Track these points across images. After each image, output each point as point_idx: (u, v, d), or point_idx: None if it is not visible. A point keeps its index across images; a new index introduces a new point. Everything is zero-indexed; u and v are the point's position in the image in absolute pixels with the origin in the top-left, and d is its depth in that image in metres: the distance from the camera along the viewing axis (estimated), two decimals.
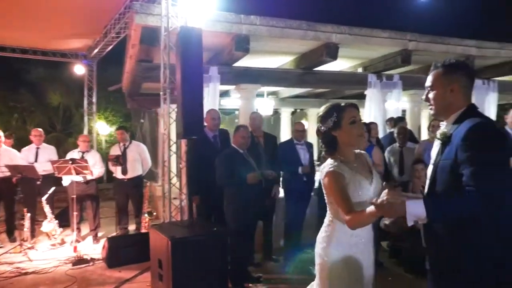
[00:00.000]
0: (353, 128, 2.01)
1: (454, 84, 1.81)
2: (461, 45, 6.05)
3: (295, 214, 5.10)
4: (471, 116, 1.77)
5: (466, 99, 1.84)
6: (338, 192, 1.93)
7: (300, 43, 5.26)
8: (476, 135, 1.64)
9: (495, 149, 1.64)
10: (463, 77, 1.83)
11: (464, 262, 1.71)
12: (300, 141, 5.18)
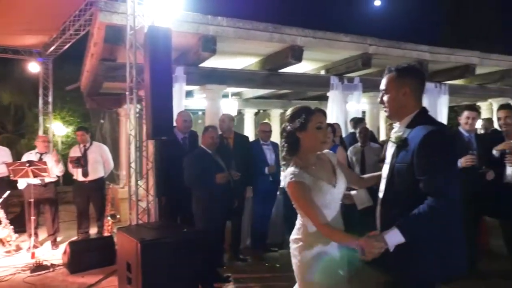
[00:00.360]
0: (318, 133, 2.05)
1: (406, 87, 1.91)
2: (416, 50, 6.40)
3: (261, 213, 5.18)
4: (423, 120, 1.87)
5: (417, 102, 1.94)
6: (305, 203, 1.95)
7: (266, 45, 5.34)
8: (432, 143, 1.74)
9: (450, 156, 1.78)
10: (414, 80, 1.93)
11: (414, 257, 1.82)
12: (266, 142, 5.26)
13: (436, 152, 1.74)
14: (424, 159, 1.74)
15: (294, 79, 6.37)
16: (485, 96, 8.82)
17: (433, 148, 1.74)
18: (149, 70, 3.45)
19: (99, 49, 4.93)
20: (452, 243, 1.85)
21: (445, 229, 1.80)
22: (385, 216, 1.98)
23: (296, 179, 1.97)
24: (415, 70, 1.99)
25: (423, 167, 1.74)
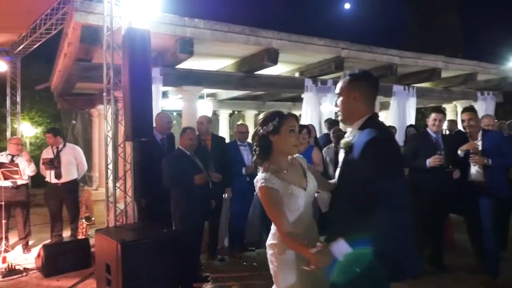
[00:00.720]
0: (291, 136, 2.08)
1: (356, 92, 1.96)
2: (386, 54, 6.65)
3: (239, 213, 5.26)
4: (371, 125, 1.91)
5: (368, 107, 1.98)
6: (272, 209, 1.98)
7: (242, 47, 5.42)
8: (374, 150, 1.78)
9: (392, 163, 1.80)
10: (365, 86, 1.98)
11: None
12: (243, 143, 5.35)
13: (378, 159, 1.77)
14: (367, 166, 1.78)
15: (269, 81, 6.48)
16: (450, 98, 9.24)
17: (374, 155, 1.77)
18: (128, 72, 3.45)
19: (74, 49, 4.85)
20: (401, 247, 1.86)
21: (394, 234, 1.80)
22: (334, 221, 2.02)
23: (265, 185, 1.98)
24: (367, 75, 2.04)
25: (366, 174, 1.78)
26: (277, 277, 2.10)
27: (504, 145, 4.25)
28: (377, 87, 2.04)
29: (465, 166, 4.27)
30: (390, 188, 1.75)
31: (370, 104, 1.99)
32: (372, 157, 1.78)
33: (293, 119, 2.13)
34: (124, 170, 4.34)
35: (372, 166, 1.76)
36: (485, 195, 4.16)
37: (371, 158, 1.78)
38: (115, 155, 4.24)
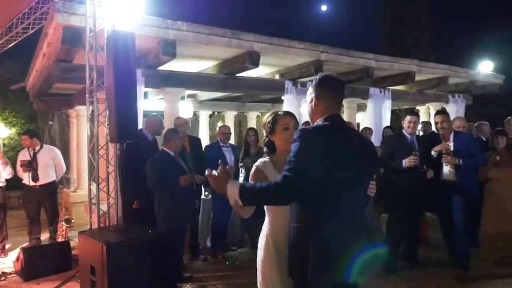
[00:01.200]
0: (284, 134, 2.28)
1: (316, 96, 2.06)
2: (363, 58, 6.85)
3: (221, 214, 5.32)
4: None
5: (328, 109, 2.03)
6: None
7: (225, 50, 5.48)
8: (298, 136, 1.90)
9: (298, 149, 1.85)
10: (324, 90, 2.05)
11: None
12: (226, 144, 5.42)
13: (298, 143, 1.86)
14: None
15: (250, 83, 6.57)
16: (423, 100, 9.59)
17: (297, 140, 1.88)
18: (113, 74, 3.46)
19: (54, 50, 4.80)
20: (338, 252, 1.89)
21: (331, 240, 1.87)
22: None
23: (258, 165, 2.28)
24: (325, 80, 2.09)
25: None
26: (259, 274, 2.25)
27: (473, 146, 4.50)
28: (338, 90, 2.09)
29: (438, 166, 4.50)
30: (296, 168, 1.81)
31: (331, 106, 2.05)
32: (296, 141, 1.88)
33: (285, 117, 2.33)
34: (107, 172, 4.33)
35: (293, 148, 1.87)
36: (456, 194, 4.39)
37: (295, 142, 1.89)
38: (97, 157, 4.23)
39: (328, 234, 1.87)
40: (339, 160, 1.90)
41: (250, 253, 5.41)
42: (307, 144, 1.87)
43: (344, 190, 1.91)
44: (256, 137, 5.79)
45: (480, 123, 6.52)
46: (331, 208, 1.90)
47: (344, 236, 1.89)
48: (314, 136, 1.91)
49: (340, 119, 2.08)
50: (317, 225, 1.89)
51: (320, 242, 1.87)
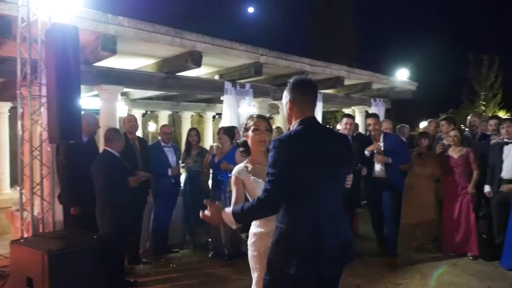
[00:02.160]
0: (255, 135, 2.48)
1: (290, 99, 2.13)
2: (299, 62, 7.18)
3: (163, 215, 5.22)
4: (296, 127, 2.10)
5: (301, 111, 2.09)
6: (233, 191, 2.45)
7: (167, 48, 5.38)
8: (272, 149, 1.97)
9: (275, 160, 1.93)
10: (298, 94, 2.11)
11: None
12: (168, 144, 5.33)
13: (274, 154, 1.93)
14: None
15: (191, 82, 6.52)
16: (349, 104, 10.30)
17: (272, 150, 1.95)
18: (55, 69, 3.23)
19: None
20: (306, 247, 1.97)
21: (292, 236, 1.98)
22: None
23: (235, 174, 2.47)
24: (296, 84, 2.13)
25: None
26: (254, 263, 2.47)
27: (400, 146, 5.00)
28: (310, 93, 2.14)
29: (370, 164, 4.91)
30: (270, 184, 1.92)
31: (305, 109, 2.10)
32: (270, 154, 1.98)
33: (257, 119, 2.49)
34: (41, 175, 4.01)
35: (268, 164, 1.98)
36: (387, 189, 4.85)
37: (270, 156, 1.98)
38: (31, 158, 3.90)
39: (308, 232, 1.95)
40: (315, 162, 1.98)
41: (193, 254, 5.39)
42: (282, 153, 1.94)
43: (322, 189, 1.99)
44: (198, 137, 5.77)
45: (401, 125, 7.21)
46: (310, 207, 1.98)
47: (325, 233, 1.96)
48: (288, 145, 1.96)
49: (314, 121, 2.13)
50: (297, 224, 1.97)
51: (301, 241, 1.95)
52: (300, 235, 1.96)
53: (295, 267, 1.92)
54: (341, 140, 2.20)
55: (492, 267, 4.61)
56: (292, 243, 1.97)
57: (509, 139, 4.75)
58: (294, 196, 1.97)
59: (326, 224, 1.98)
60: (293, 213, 1.99)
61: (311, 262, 1.94)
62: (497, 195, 4.78)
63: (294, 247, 1.96)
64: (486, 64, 15.16)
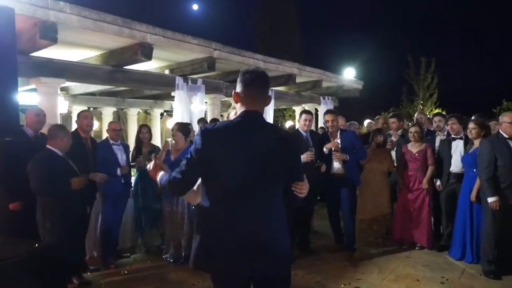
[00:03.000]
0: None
1: (235, 91, 2.07)
2: (253, 58, 7.07)
3: (113, 218, 4.85)
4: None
5: (244, 104, 2.03)
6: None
7: (114, 39, 5.00)
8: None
9: (192, 147, 1.98)
10: (240, 85, 2.04)
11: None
12: (117, 141, 4.95)
13: (194, 143, 2.02)
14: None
15: (139, 77, 6.14)
16: (300, 101, 10.41)
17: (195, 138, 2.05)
18: None
19: None
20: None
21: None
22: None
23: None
24: (244, 75, 2.05)
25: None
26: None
27: (356, 142, 5.05)
28: (252, 86, 2.02)
29: (328, 161, 4.92)
30: (182, 165, 2.01)
31: (247, 102, 2.02)
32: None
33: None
34: None
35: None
36: (345, 185, 4.88)
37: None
38: None
39: (221, 231, 1.96)
40: (234, 158, 1.92)
41: (146, 258, 5.07)
42: (197, 144, 1.96)
43: (242, 190, 1.93)
44: (150, 135, 5.45)
45: (350, 123, 7.41)
46: (230, 206, 1.95)
47: (236, 233, 1.94)
48: (205, 136, 1.95)
49: (252, 116, 2.00)
50: (219, 221, 1.97)
51: (220, 238, 1.95)
52: (218, 234, 1.99)
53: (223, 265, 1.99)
54: (280, 143, 2.01)
55: (442, 258, 4.81)
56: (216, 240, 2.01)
57: (456, 135, 4.99)
58: (211, 188, 1.99)
59: (239, 224, 1.95)
60: (215, 211, 1.99)
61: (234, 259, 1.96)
62: (446, 188, 5.01)
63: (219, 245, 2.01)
64: (424, 66, 16.18)
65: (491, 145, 4.20)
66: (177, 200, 4.77)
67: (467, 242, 4.66)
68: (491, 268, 4.22)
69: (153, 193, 5.30)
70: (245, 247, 1.93)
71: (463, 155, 4.81)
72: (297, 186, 2.07)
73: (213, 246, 1.97)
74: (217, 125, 1.99)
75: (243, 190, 1.94)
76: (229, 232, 1.94)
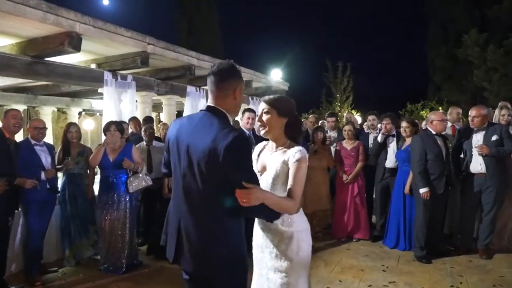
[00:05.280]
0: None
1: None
2: (187, 55, 6.83)
3: (37, 229, 4.27)
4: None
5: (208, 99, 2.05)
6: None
7: (37, 26, 4.42)
8: None
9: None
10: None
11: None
12: (40, 142, 4.39)
13: None
14: None
15: (64, 70, 5.51)
16: None
17: None
18: None
19: None
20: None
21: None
22: None
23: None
24: (210, 69, 2.05)
25: None
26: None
27: None
28: (210, 80, 2.01)
29: None
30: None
31: (209, 96, 2.03)
32: None
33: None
34: None
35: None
36: None
37: None
38: None
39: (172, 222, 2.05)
40: (174, 153, 2.00)
41: (77, 271, 4.57)
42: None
43: (177, 182, 2.00)
44: (79, 134, 4.94)
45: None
46: (173, 196, 2.05)
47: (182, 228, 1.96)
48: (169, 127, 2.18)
49: (203, 110, 1.99)
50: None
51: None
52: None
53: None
54: (217, 139, 1.81)
55: (378, 247, 5.13)
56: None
57: (389, 133, 5.35)
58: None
59: (185, 218, 1.96)
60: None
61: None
62: (381, 182, 5.35)
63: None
64: (341, 70, 17.26)
65: (422, 140, 4.59)
66: (117, 205, 4.38)
67: (401, 231, 5.02)
68: (423, 254, 4.61)
69: (84, 198, 4.81)
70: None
71: (396, 151, 5.19)
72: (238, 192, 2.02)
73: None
74: (178, 119, 2.15)
75: (180, 187, 2.02)
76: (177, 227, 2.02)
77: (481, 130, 4.60)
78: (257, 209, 1.85)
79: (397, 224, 5.04)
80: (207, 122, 1.92)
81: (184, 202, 1.92)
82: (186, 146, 1.91)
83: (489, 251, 4.70)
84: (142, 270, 4.54)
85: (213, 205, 1.87)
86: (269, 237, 2.22)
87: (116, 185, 4.42)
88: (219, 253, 1.89)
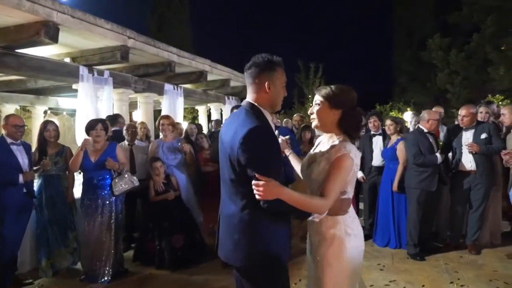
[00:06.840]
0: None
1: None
2: (167, 51, 6.54)
3: (14, 236, 3.90)
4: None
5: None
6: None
7: (9, 13, 4.01)
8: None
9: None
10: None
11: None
12: (17, 141, 4.01)
13: None
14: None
15: (36, 63, 5.08)
16: (207, 100, 10.10)
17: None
18: None
19: None
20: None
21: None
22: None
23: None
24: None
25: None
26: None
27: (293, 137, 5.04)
28: (245, 75, 2.04)
29: None
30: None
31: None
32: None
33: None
34: None
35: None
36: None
37: None
38: None
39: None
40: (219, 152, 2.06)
41: (56, 283, 4.20)
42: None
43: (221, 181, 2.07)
44: (57, 133, 4.56)
45: (286, 120, 7.54)
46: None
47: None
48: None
49: (241, 106, 2.06)
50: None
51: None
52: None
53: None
54: (234, 137, 1.87)
55: (369, 246, 5.08)
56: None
57: (375, 132, 5.35)
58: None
59: (221, 218, 2.07)
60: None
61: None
62: (369, 180, 5.34)
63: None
64: (313, 70, 17.39)
65: (415, 138, 4.62)
66: (102, 209, 4.06)
67: (390, 229, 5.02)
68: (417, 251, 4.62)
69: (63, 202, 4.44)
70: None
71: (383, 149, 5.19)
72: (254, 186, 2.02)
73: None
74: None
75: (222, 187, 2.11)
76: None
77: (471, 129, 4.69)
78: (277, 204, 1.77)
79: (386, 222, 5.03)
80: (236, 116, 2.00)
81: (222, 192, 2.06)
82: (222, 139, 2.03)
83: (477, 247, 4.78)
84: (129, 278, 4.24)
85: (239, 196, 1.90)
86: (311, 237, 2.09)
87: (100, 187, 4.10)
88: (243, 244, 1.88)
